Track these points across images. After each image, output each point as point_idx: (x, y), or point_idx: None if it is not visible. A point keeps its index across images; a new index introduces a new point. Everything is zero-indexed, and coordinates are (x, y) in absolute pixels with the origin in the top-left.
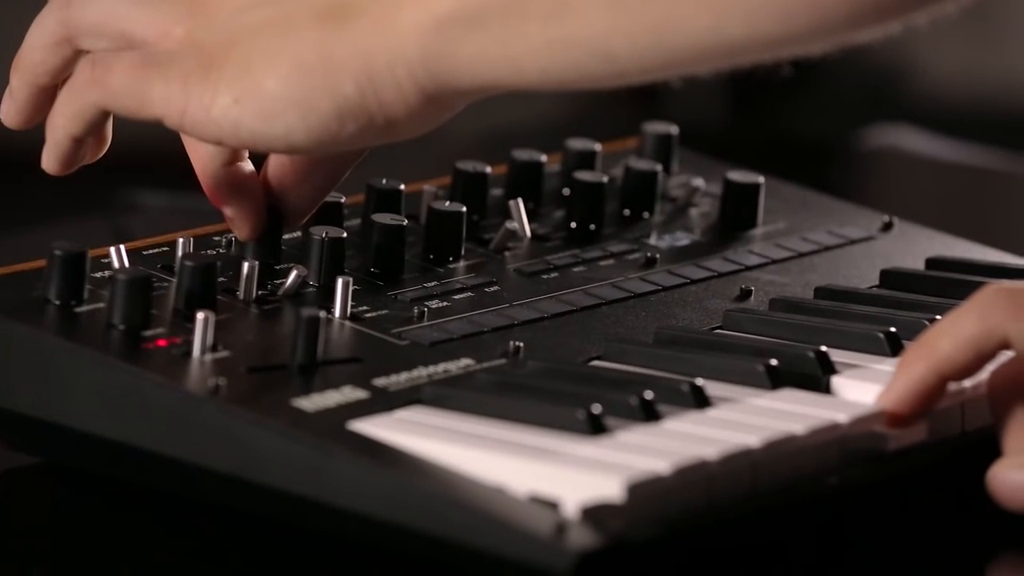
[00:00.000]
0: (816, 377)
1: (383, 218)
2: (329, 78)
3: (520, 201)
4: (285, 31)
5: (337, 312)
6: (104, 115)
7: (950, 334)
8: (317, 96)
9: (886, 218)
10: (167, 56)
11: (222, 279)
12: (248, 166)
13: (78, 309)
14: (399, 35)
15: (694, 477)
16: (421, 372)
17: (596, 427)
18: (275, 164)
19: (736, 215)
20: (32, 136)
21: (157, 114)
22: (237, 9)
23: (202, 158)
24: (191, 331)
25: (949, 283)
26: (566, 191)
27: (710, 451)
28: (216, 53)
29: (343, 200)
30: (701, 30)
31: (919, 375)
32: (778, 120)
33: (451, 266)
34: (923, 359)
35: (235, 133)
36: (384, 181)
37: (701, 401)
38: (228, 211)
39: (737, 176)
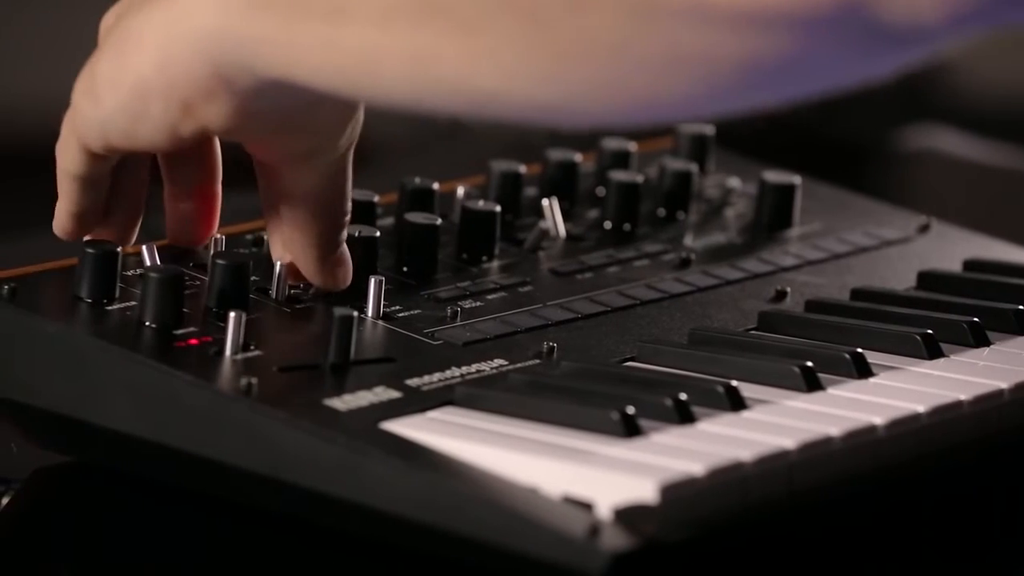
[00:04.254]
0: (852, 379)
1: (416, 217)
2: (133, 56)
3: (554, 200)
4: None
5: (370, 311)
6: (92, 154)
7: None
8: (123, 73)
9: (923, 219)
10: (85, 85)
11: (254, 278)
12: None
13: (110, 307)
14: (189, 25)
15: (728, 479)
16: (454, 372)
17: (630, 428)
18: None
19: (772, 216)
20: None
21: (97, 147)
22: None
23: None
24: (223, 330)
25: (987, 285)
26: (601, 191)
27: (744, 453)
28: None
29: (376, 199)
30: (454, 71)
31: None
32: (815, 120)
33: (484, 266)
34: None
35: (82, 125)
36: (418, 180)
37: (736, 403)
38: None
39: (773, 176)
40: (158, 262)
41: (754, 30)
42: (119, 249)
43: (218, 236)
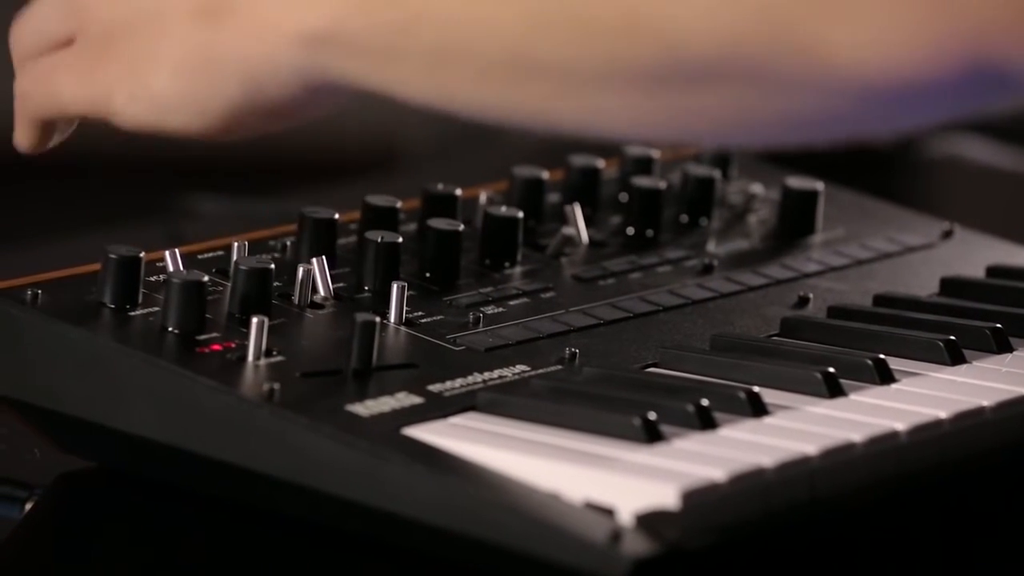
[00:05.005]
0: (874, 385)
1: (439, 223)
2: (214, 80)
3: (577, 206)
4: (161, 29)
5: (392, 317)
6: (48, 122)
7: None
8: (205, 96)
9: (947, 226)
10: (67, 57)
11: (277, 283)
12: None
13: (132, 313)
14: (274, 42)
15: (750, 485)
16: (476, 378)
17: (652, 434)
18: None
19: (794, 222)
20: (88, 141)
21: (75, 112)
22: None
23: None
24: (245, 335)
25: (1011, 291)
26: (623, 197)
27: (766, 459)
28: (104, 47)
29: (399, 205)
30: (574, 124)
31: None
32: None
33: (507, 272)
34: None
35: (139, 126)
36: (440, 186)
37: (758, 409)
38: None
39: (796, 182)
40: (181, 268)
41: (881, 99)
42: (142, 255)
43: (240, 242)
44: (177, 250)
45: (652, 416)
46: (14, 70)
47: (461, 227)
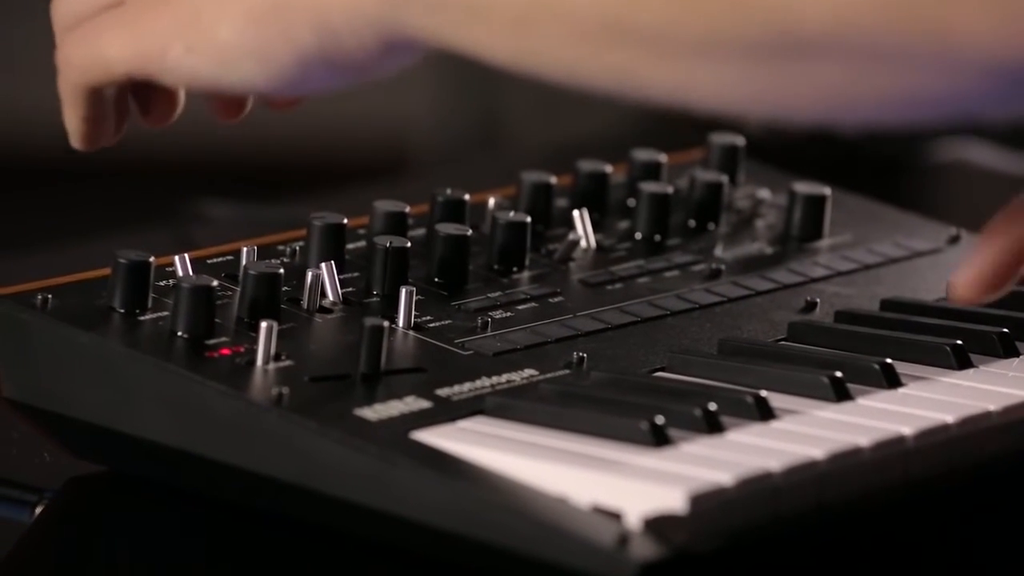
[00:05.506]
0: (882, 389)
1: (447, 228)
2: (286, 28)
3: (585, 211)
4: None
5: (401, 322)
6: (94, 91)
7: None
8: (275, 45)
9: (953, 231)
10: (113, 15)
11: (286, 288)
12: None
13: (142, 317)
14: None
15: (758, 489)
16: (484, 382)
17: (659, 438)
18: None
19: (802, 227)
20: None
21: (121, 72)
22: None
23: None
24: (254, 340)
25: (1017, 296)
26: (631, 202)
27: (774, 463)
28: (151, 1)
29: (407, 210)
30: (657, 90)
31: (997, 251)
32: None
33: (515, 276)
34: (1003, 235)
35: (194, 79)
36: (449, 191)
37: (765, 413)
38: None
39: (803, 187)
40: (190, 272)
41: (1005, 79)
42: (151, 260)
43: (249, 247)
44: (187, 255)
45: (660, 420)
46: (56, 43)
47: (469, 232)
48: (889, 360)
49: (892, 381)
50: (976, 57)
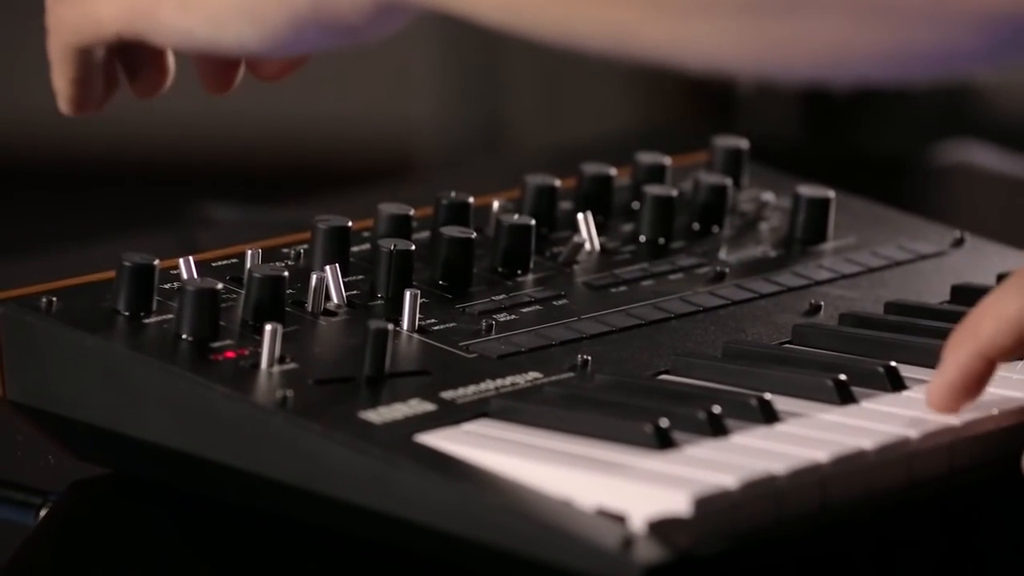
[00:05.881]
0: (886, 392)
1: (452, 231)
2: None
3: (589, 214)
4: None
5: (405, 325)
6: (84, 51)
7: (992, 315)
8: (269, 5)
9: (957, 234)
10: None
11: (290, 291)
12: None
13: (146, 320)
14: None
15: (762, 492)
16: (488, 385)
17: (663, 441)
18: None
19: (806, 229)
20: (102, 149)
21: (113, 31)
22: None
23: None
24: (259, 343)
25: None
26: (636, 205)
27: (778, 466)
28: None
29: (412, 213)
30: (658, 47)
31: (964, 360)
32: (850, 135)
33: (519, 279)
34: (967, 342)
35: (186, 39)
36: (453, 194)
37: (769, 416)
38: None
39: (807, 191)
40: (195, 275)
41: (1001, 33)
42: (156, 263)
43: (254, 250)
44: (191, 258)
45: (664, 423)
46: (46, 6)
47: (474, 235)
48: (893, 363)
49: (896, 384)
50: (968, 10)
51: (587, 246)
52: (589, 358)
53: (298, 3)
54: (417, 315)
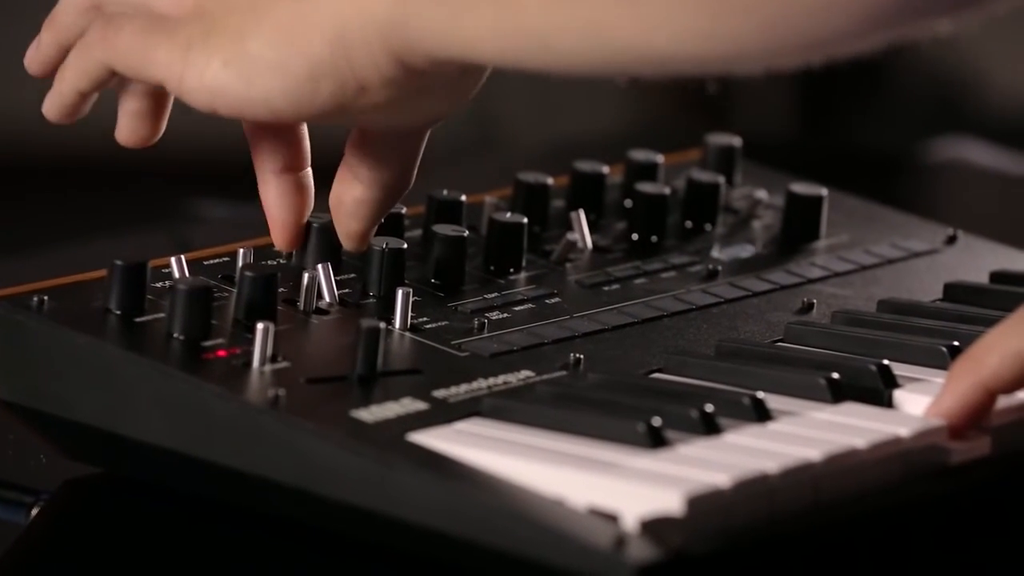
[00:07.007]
0: (878, 391)
1: (444, 229)
2: (302, 39)
3: (582, 212)
4: (269, 3)
5: (397, 323)
6: (109, 73)
7: (997, 349)
8: (292, 57)
9: (950, 231)
10: (175, 23)
11: (282, 290)
12: (305, 179)
13: (138, 319)
14: (365, 3)
15: (754, 491)
16: (481, 384)
17: (656, 440)
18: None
19: (799, 227)
20: (93, 147)
21: (158, 77)
22: None
23: (263, 161)
24: (251, 342)
25: (1014, 297)
26: (628, 203)
27: (771, 465)
28: (218, 20)
29: (404, 211)
30: (628, 39)
31: (966, 390)
32: (843, 132)
33: (512, 278)
34: (970, 373)
35: (223, 98)
36: (445, 192)
37: (762, 414)
38: (274, 216)
39: (800, 188)
40: (187, 274)
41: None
42: (148, 261)
43: (246, 248)
44: (183, 256)
45: (656, 422)
46: (98, 16)
47: (466, 233)
48: (886, 361)
49: (889, 382)
50: None
51: (580, 244)
52: (581, 356)
53: (318, 52)
54: (409, 314)
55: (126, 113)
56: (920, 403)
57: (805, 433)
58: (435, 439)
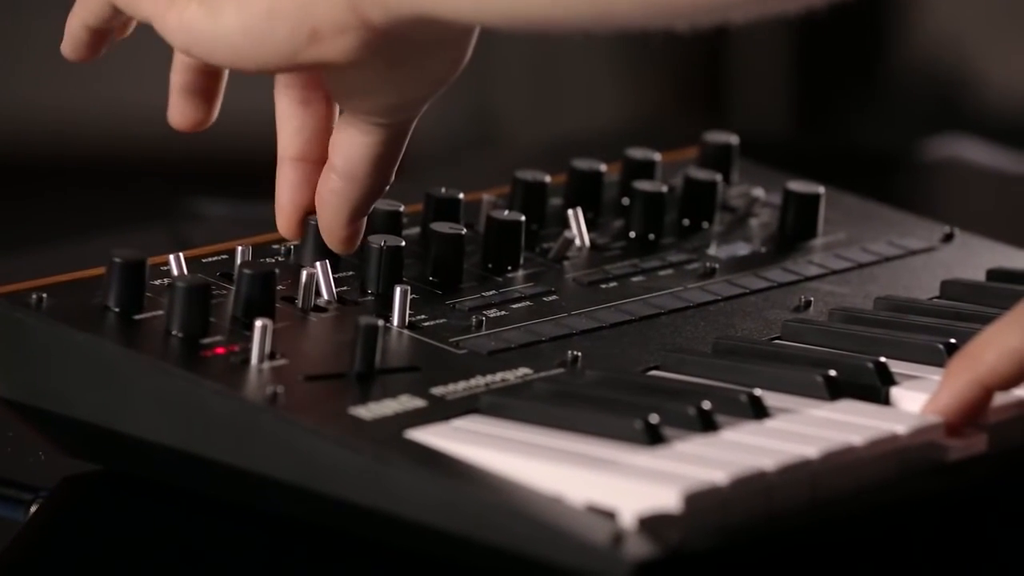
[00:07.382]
0: (875, 388)
1: (442, 227)
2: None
3: (579, 210)
4: None
5: (395, 321)
6: (111, 8)
7: (995, 346)
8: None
9: (947, 229)
10: None
11: (281, 287)
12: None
13: (137, 317)
14: None
15: (752, 488)
16: (479, 381)
17: (653, 437)
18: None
19: (796, 225)
20: (92, 145)
21: (146, 14)
22: None
23: (284, 144)
24: (249, 339)
25: (1010, 294)
26: (625, 200)
27: (768, 462)
28: None
29: (402, 209)
30: None
31: (962, 387)
32: (842, 130)
33: (509, 275)
34: (966, 371)
35: (195, 35)
36: (443, 190)
37: (759, 412)
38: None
39: (797, 186)
40: (185, 272)
41: None
42: (146, 259)
43: (244, 246)
44: (181, 254)
45: (654, 419)
46: None
47: (464, 231)
48: (883, 359)
49: (885, 380)
50: None
51: (577, 242)
52: (579, 354)
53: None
54: (407, 311)
55: (176, 90)
56: (917, 400)
57: (802, 430)
58: (433, 436)
